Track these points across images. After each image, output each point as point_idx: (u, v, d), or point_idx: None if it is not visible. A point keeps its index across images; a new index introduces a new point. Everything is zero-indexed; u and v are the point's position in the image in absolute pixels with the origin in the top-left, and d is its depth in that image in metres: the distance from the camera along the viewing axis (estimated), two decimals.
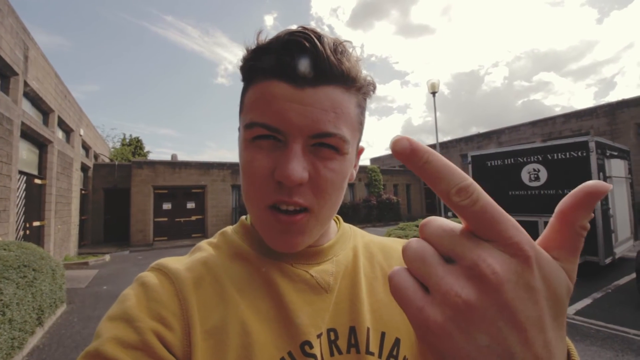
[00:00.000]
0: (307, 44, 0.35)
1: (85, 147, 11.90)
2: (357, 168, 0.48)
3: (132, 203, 12.41)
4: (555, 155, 5.84)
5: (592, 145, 5.41)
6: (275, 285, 0.42)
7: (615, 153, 6.31)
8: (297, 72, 0.36)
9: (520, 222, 0.44)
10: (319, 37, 0.36)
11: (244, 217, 0.51)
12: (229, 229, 0.51)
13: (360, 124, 0.43)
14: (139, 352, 0.33)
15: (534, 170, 6.07)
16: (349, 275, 0.47)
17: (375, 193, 17.81)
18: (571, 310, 4.28)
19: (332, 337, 0.42)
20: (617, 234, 5.89)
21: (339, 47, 0.38)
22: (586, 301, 4.57)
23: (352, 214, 16.25)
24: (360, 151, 0.48)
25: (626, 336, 3.50)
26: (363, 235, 0.56)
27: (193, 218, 13.79)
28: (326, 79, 0.37)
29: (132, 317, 0.35)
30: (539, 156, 6.03)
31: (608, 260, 5.47)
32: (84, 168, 11.73)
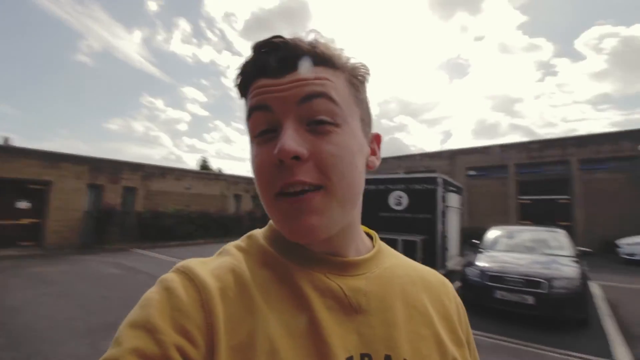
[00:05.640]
0: (277, 40, 0.38)
1: None
2: (379, 158, 0.48)
3: None
4: (413, 185, 7.12)
5: (439, 180, 6.83)
6: (306, 298, 0.39)
7: (453, 188, 8.12)
8: (273, 64, 0.38)
9: (385, 239, 0.48)
10: (289, 37, 0.40)
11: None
12: (257, 231, 0.48)
13: (357, 99, 0.43)
14: None
15: (399, 196, 7.22)
16: (383, 297, 0.43)
17: (261, 205, 17.86)
18: None
19: None
20: (450, 251, 7.49)
21: (308, 37, 0.40)
22: None
23: (234, 225, 15.86)
24: (376, 137, 0.48)
25: None
26: (398, 256, 0.53)
27: (25, 221, 10.70)
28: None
29: (155, 328, 0.32)
30: (402, 185, 7.24)
31: (442, 272, 6.83)
32: None
